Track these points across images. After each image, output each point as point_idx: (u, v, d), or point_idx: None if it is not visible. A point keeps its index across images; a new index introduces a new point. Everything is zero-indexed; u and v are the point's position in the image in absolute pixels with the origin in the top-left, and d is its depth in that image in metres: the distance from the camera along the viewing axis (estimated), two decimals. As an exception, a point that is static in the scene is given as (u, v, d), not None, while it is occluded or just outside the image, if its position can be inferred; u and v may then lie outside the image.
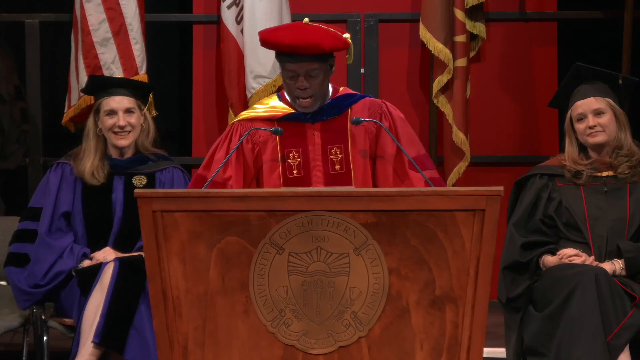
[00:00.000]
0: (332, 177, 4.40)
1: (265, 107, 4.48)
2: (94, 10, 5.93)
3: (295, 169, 4.40)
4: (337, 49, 4.32)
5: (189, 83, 6.53)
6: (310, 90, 4.32)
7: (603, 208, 4.62)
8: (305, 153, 4.41)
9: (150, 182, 4.94)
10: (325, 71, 4.34)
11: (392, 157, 4.44)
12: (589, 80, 4.69)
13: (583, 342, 4.29)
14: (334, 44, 4.30)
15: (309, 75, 4.30)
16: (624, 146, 4.65)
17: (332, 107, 4.44)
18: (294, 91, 4.34)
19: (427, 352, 3.57)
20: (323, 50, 4.26)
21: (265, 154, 4.42)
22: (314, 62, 4.28)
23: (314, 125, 4.43)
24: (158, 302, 3.60)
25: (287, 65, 4.31)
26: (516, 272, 4.62)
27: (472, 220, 3.53)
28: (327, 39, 4.28)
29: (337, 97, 4.46)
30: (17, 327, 4.95)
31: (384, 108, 4.50)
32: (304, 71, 4.29)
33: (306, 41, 4.24)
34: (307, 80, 4.31)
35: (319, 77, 4.32)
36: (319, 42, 4.25)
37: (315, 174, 4.41)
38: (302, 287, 3.58)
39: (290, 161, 4.40)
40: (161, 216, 3.57)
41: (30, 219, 4.93)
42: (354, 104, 4.46)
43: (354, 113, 4.43)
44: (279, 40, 4.29)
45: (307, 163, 4.41)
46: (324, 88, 4.38)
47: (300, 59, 4.27)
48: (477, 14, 6.20)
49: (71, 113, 6.01)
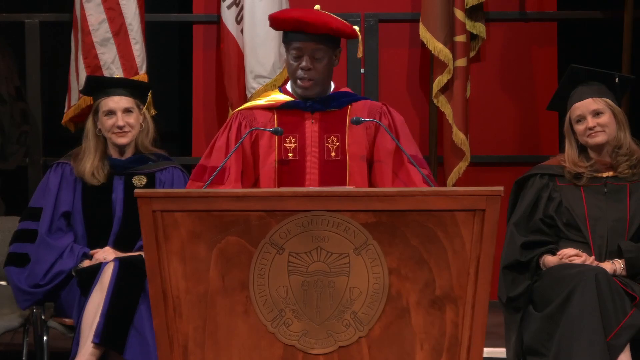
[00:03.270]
0: (326, 164, 4.40)
1: (265, 98, 4.51)
2: (94, 10, 5.93)
3: (291, 152, 4.41)
4: (345, 32, 4.35)
5: (189, 83, 6.53)
6: (312, 72, 4.34)
7: (603, 208, 4.62)
8: (302, 138, 4.42)
9: (150, 182, 4.94)
10: (330, 57, 4.36)
11: (390, 155, 4.44)
12: (586, 81, 4.69)
13: (583, 342, 4.29)
14: (343, 27, 4.33)
15: (313, 56, 4.32)
16: (624, 145, 4.65)
17: (332, 99, 4.45)
18: (296, 72, 4.36)
19: (427, 352, 3.57)
20: (331, 29, 4.29)
21: (262, 139, 4.43)
22: (321, 43, 4.31)
23: (313, 115, 4.44)
24: (158, 302, 3.60)
25: (293, 44, 4.34)
26: (516, 272, 4.63)
27: (472, 220, 3.53)
28: (336, 21, 4.33)
29: (339, 92, 4.48)
30: (17, 327, 4.95)
31: (384, 109, 4.51)
32: (309, 50, 4.32)
33: (316, 19, 4.29)
34: (312, 61, 4.33)
35: (323, 60, 4.34)
36: (327, 21, 4.29)
37: (310, 159, 4.41)
38: (302, 287, 3.58)
39: (287, 145, 4.41)
40: (161, 216, 3.57)
41: (30, 219, 4.93)
42: (354, 102, 4.48)
43: (354, 110, 4.44)
44: (289, 15, 4.34)
45: (303, 148, 4.41)
46: (326, 75, 4.40)
47: (308, 38, 4.30)
48: (477, 14, 6.20)
49: (71, 113, 6.01)
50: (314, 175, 4.39)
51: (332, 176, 4.38)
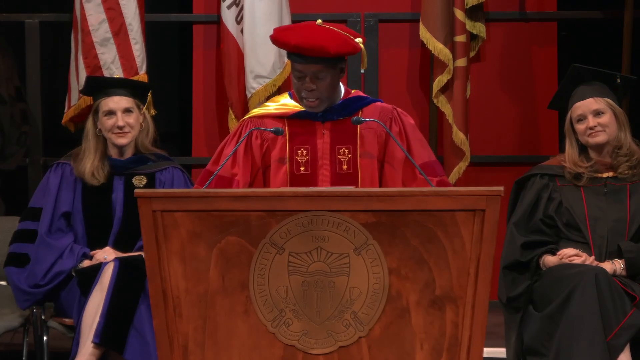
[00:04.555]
0: (338, 177, 4.40)
1: (276, 105, 4.48)
2: (94, 10, 5.93)
3: (303, 166, 4.40)
4: (344, 53, 4.28)
5: (189, 83, 6.53)
6: (316, 93, 4.32)
7: (603, 209, 4.62)
8: (313, 151, 4.41)
9: (150, 182, 4.94)
10: (333, 74, 4.31)
11: (401, 162, 4.42)
12: (587, 81, 4.69)
13: (583, 342, 4.29)
14: (341, 48, 4.25)
15: (315, 77, 4.29)
16: (624, 145, 4.65)
17: (343, 107, 4.43)
18: (301, 91, 4.35)
19: (427, 352, 3.57)
20: (329, 54, 4.23)
21: (274, 150, 4.42)
22: (321, 64, 4.27)
23: (324, 125, 4.42)
24: (158, 302, 3.60)
25: (296, 65, 4.31)
26: (516, 272, 4.63)
27: (472, 220, 3.53)
28: (334, 43, 4.24)
29: (349, 98, 4.45)
30: (17, 327, 4.95)
31: (394, 113, 4.48)
32: (310, 72, 4.28)
33: (312, 44, 4.22)
34: (314, 82, 4.30)
35: (326, 79, 4.30)
36: (324, 46, 4.22)
37: (322, 173, 4.40)
38: (302, 287, 3.58)
39: (299, 158, 4.40)
40: (161, 216, 3.57)
41: (30, 219, 4.93)
42: (364, 107, 4.46)
43: (365, 116, 4.40)
44: (286, 40, 4.29)
45: (314, 161, 4.41)
46: (332, 90, 4.35)
47: (308, 61, 4.26)
48: (477, 14, 6.20)
49: (71, 113, 6.01)
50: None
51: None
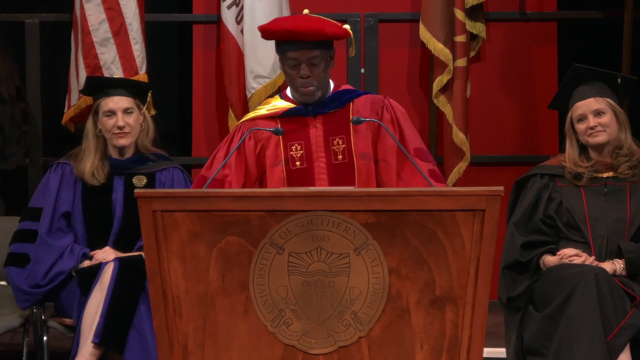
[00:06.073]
0: (335, 168, 4.41)
1: (267, 107, 4.50)
2: (94, 10, 5.93)
3: (298, 161, 4.41)
4: (339, 35, 4.35)
5: (189, 83, 6.53)
6: (312, 79, 4.35)
7: (603, 209, 4.62)
8: (307, 145, 4.42)
9: (150, 182, 4.94)
10: (326, 60, 4.36)
11: (393, 152, 4.44)
12: (588, 80, 4.69)
13: (583, 342, 4.29)
14: (336, 30, 4.33)
15: (310, 63, 4.32)
16: (624, 146, 4.65)
17: (333, 99, 4.45)
18: (295, 81, 4.36)
19: (427, 352, 3.57)
20: (325, 35, 4.29)
21: (268, 149, 4.43)
22: (316, 49, 4.31)
23: (316, 119, 4.44)
24: (158, 302, 3.60)
25: (289, 54, 4.33)
26: (516, 272, 4.63)
27: (472, 220, 3.53)
28: (329, 25, 4.33)
29: (339, 91, 4.49)
30: (17, 327, 4.96)
31: (386, 102, 4.51)
32: (305, 58, 4.31)
33: (308, 27, 4.28)
34: (309, 68, 4.33)
35: (320, 65, 4.34)
36: (321, 28, 4.29)
37: (318, 165, 4.42)
38: (302, 287, 3.58)
39: (293, 153, 4.41)
40: (161, 216, 3.57)
41: (31, 219, 4.93)
42: (355, 98, 4.48)
43: (356, 107, 4.45)
44: (282, 27, 4.32)
45: (309, 155, 4.42)
46: (325, 78, 4.40)
47: (302, 46, 4.30)
48: (477, 14, 6.20)
49: (71, 113, 6.00)
50: (323, 180, 4.39)
51: (341, 179, 4.38)
